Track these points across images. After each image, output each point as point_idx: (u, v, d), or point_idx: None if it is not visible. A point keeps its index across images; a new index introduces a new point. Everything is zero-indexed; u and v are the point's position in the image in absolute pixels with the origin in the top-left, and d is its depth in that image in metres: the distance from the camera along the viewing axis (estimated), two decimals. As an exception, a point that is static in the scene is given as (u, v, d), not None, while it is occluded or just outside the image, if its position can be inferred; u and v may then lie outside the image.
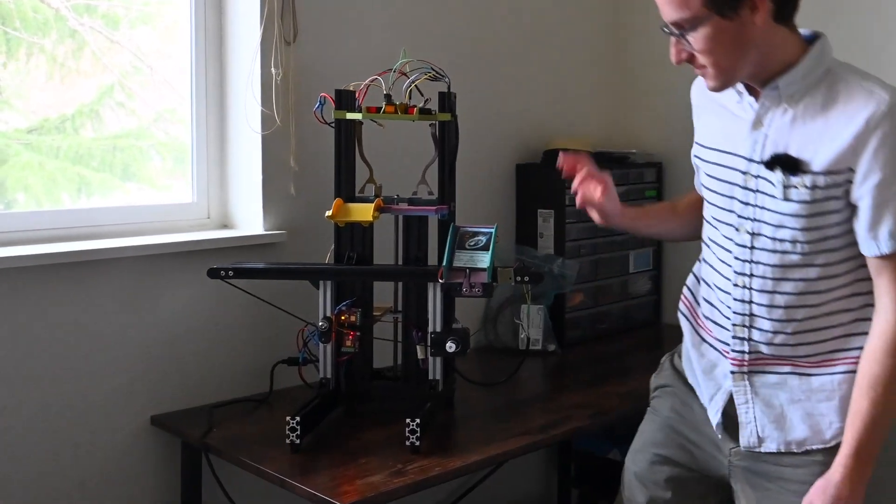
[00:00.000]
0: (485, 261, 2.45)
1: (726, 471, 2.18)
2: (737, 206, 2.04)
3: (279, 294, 2.78)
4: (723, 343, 2.13)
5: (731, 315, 2.07)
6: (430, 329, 2.57)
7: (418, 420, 2.34)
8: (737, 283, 2.05)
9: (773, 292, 2.02)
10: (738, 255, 2.04)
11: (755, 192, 2.01)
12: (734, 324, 2.07)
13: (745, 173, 2.01)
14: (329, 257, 2.66)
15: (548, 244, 3.49)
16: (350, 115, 2.58)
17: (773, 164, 1.96)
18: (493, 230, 2.53)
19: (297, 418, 2.35)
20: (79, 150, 2.80)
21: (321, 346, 2.58)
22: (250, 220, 2.93)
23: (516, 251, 3.46)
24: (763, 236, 2.00)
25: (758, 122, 2.00)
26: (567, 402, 2.83)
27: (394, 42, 2.97)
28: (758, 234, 2.01)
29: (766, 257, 2.01)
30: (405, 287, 2.68)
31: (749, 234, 2.02)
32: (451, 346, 2.50)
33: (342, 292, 2.61)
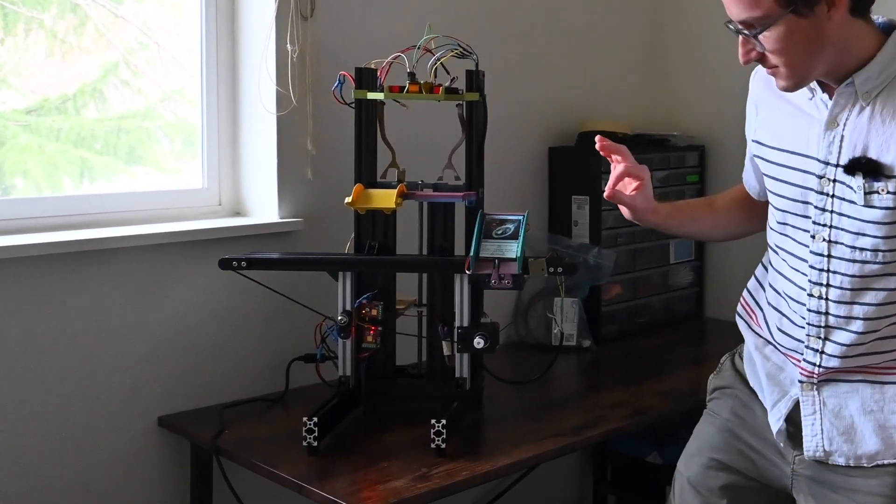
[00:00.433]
0: (514, 250, 2.45)
1: (788, 480, 2.16)
2: (812, 211, 2.01)
3: (295, 286, 2.78)
4: (791, 350, 2.11)
5: (805, 326, 2.06)
6: (456, 324, 2.58)
7: (444, 421, 2.35)
8: (811, 294, 2.03)
9: (851, 303, 1.99)
10: (814, 264, 2.02)
11: (832, 197, 1.98)
12: (808, 334, 2.05)
13: (821, 177, 1.99)
14: (349, 247, 2.66)
15: (583, 233, 3.49)
16: (371, 95, 2.59)
17: (852, 169, 1.93)
18: (522, 217, 2.53)
19: (315, 419, 2.36)
20: (81, 132, 2.81)
21: (340, 341, 2.58)
22: (264, 206, 2.93)
23: (549, 240, 3.45)
24: (841, 244, 1.98)
25: (832, 122, 1.97)
26: (603, 402, 2.83)
27: (418, 16, 2.98)
28: (835, 243, 1.99)
29: (845, 267, 1.98)
30: (430, 279, 2.68)
31: (826, 241, 2.00)
32: (479, 342, 2.51)
33: (363, 284, 2.61)
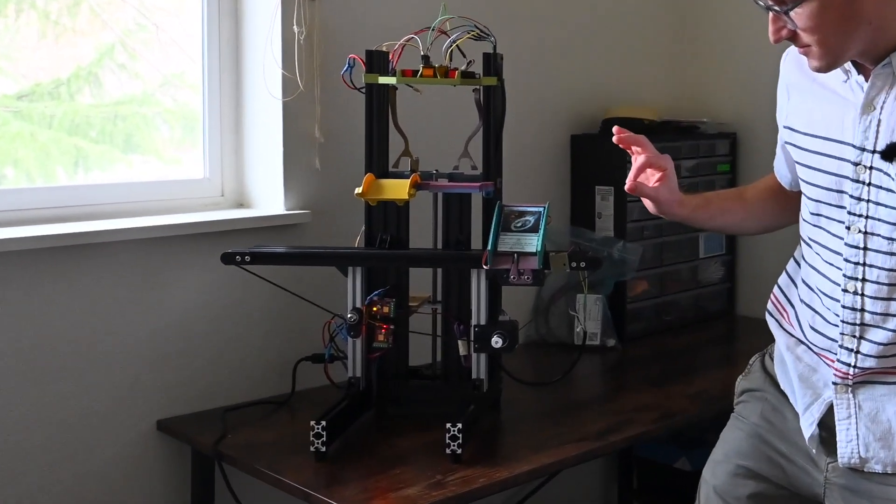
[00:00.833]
0: (534, 244, 2.45)
1: (821, 489, 2.14)
2: (847, 201, 2.00)
3: (302, 282, 2.78)
4: (825, 350, 2.10)
5: (839, 324, 2.04)
6: (473, 322, 2.58)
7: (460, 425, 2.34)
8: (846, 289, 2.01)
9: (888, 299, 1.97)
10: (849, 257, 2.00)
11: (868, 185, 1.96)
12: (842, 333, 2.03)
13: (857, 164, 1.97)
14: (359, 240, 2.67)
15: (607, 225, 3.49)
16: (383, 80, 2.59)
17: (890, 154, 1.92)
18: (543, 209, 2.52)
19: (323, 423, 2.36)
20: (75, 119, 2.81)
21: (350, 341, 2.59)
22: (269, 198, 2.93)
23: (571, 233, 3.45)
24: (878, 236, 1.96)
25: (868, 106, 1.95)
26: (629, 404, 2.83)
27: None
28: (872, 234, 1.97)
29: (882, 260, 1.96)
30: (445, 274, 2.69)
31: (861, 233, 1.98)
32: (497, 342, 2.50)
33: (374, 280, 2.62)
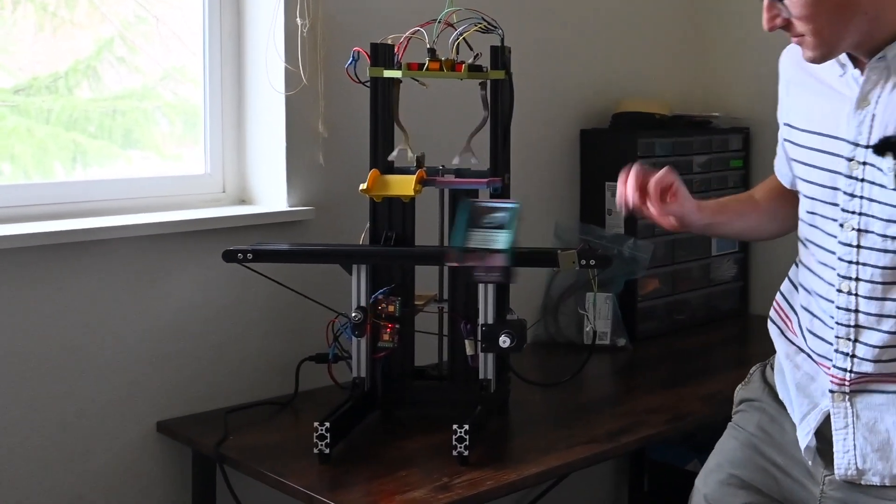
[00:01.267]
0: (501, 241, 2.42)
1: (816, 502, 2.14)
2: (840, 198, 2.00)
3: (306, 280, 2.78)
4: (823, 357, 2.10)
5: (835, 326, 2.04)
6: (480, 321, 2.57)
7: (467, 426, 2.34)
8: (840, 289, 2.02)
9: (883, 299, 1.97)
10: (842, 256, 2.01)
11: (861, 181, 1.97)
12: (837, 336, 2.04)
13: (850, 160, 1.98)
14: (363, 238, 2.66)
15: (617, 222, 3.47)
16: (388, 73, 2.59)
17: (882, 149, 1.92)
18: (515, 206, 2.50)
19: (327, 424, 2.35)
20: (73, 114, 2.81)
21: (354, 340, 2.58)
22: (272, 194, 2.93)
23: (581, 230, 3.46)
24: (871, 233, 1.96)
25: (863, 100, 1.96)
26: (639, 406, 2.83)
27: (438, -13, 3.00)
28: (865, 231, 1.97)
29: (876, 258, 1.96)
30: (452, 273, 2.67)
31: (855, 230, 1.98)
32: (504, 341, 2.50)
33: (379, 278, 2.62)
